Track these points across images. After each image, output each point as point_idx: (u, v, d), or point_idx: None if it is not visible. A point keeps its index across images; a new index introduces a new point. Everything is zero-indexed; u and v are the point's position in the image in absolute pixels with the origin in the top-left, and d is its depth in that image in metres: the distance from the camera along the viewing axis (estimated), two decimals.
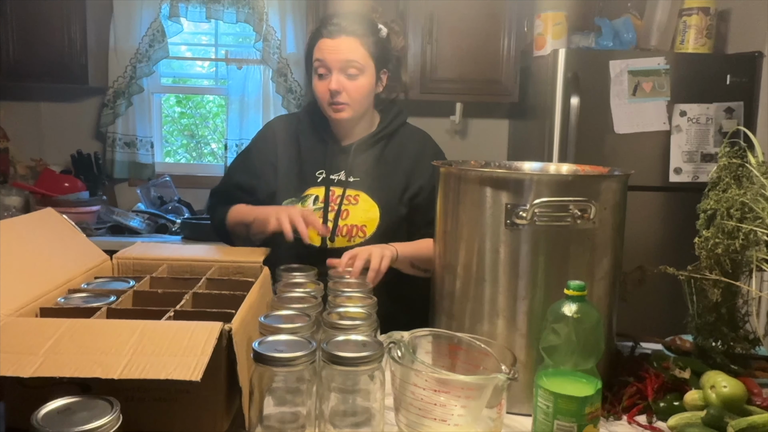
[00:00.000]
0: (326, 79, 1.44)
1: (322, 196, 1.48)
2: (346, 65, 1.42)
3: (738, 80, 2.49)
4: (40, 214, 1.19)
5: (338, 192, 1.48)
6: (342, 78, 1.43)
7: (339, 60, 1.42)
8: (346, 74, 1.43)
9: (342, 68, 1.42)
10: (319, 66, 1.44)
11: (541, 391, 0.85)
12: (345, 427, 0.84)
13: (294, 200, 1.48)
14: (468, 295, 1.05)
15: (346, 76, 1.43)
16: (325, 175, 1.50)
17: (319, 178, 1.50)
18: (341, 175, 1.50)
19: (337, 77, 1.42)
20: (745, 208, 1.03)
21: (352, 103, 1.45)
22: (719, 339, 1.11)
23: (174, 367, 0.70)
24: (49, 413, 0.62)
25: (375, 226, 1.46)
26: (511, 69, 2.94)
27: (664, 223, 2.55)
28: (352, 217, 1.46)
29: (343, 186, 1.49)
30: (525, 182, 0.99)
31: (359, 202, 1.48)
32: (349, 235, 1.46)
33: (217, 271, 1.19)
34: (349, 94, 1.44)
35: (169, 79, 3.40)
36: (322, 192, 1.49)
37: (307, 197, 1.49)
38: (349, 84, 1.43)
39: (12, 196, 2.87)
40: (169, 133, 3.54)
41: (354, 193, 1.49)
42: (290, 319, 0.92)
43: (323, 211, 1.47)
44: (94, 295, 1.01)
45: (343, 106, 1.45)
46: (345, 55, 1.42)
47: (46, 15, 2.83)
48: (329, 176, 1.50)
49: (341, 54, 1.42)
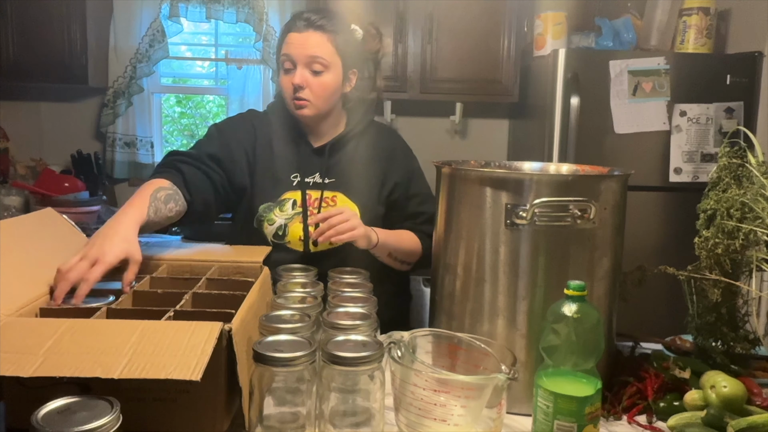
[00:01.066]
0: (291, 74, 1.41)
1: (299, 200, 1.45)
2: (311, 60, 1.39)
3: (738, 80, 2.49)
4: (40, 214, 1.19)
5: (315, 195, 1.46)
6: (306, 73, 1.40)
7: (304, 55, 1.39)
8: (311, 70, 1.40)
9: (307, 63, 1.39)
10: (285, 60, 1.41)
11: (541, 391, 0.85)
12: (345, 427, 0.84)
13: (271, 205, 1.45)
14: (468, 295, 1.05)
15: (311, 72, 1.40)
16: (300, 178, 1.47)
17: (294, 181, 1.47)
18: (316, 177, 1.47)
19: (302, 72, 1.39)
20: (745, 208, 1.03)
21: (315, 100, 1.42)
22: (719, 339, 1.11)
23: (174, 366, 0.70)
24: (49, 413, 0.62)
25: None
26: (511, 69, 2.94)
27: (664, 223, 2.55)
28: None
29: (320, 188, 1.46)
30: (525, 182, 0.99)
31: (337, 203, 1.46)
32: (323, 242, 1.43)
33: (217, 271, 1.19)
34: (312, 90, 1.41)
35: (169, 79, 3.40)
36: (299, 196, 1.46)
37: (285, 201, 1.46)
38: (313, 80, 1.40)
39: (12, 196, 2.87)
40: (169, 133, 3.54)
41: (331, 194, 1.47)
42: (290, 319, 0.92)
43: (302, 216, 1.44)
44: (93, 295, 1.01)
45: (305, 102, 1.41)
46: (311, 50, 1.39)
47: (46, 15, 2.83)
48: (304, 179, 1.47)
49: (307, 49, 1.39)
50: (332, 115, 1.50)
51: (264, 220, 1.45)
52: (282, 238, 1.45)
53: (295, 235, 1.44)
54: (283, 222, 1.45)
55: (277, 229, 1.45)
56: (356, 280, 1.20)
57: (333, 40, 1.41)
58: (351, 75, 1.48)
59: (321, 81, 1.41)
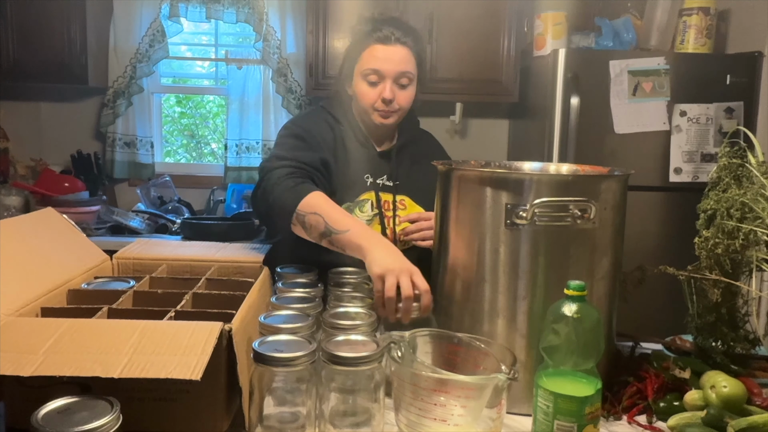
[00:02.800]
0: (377, 87, 1.43)
1: (374, 201, 1.49)
2: (400, 75, 1.43)
3: (738, 80, 2.49)
4: (40, 214, 1.19)
5: (386, 197, 1.50)
6: (395, 87, 1.43)
7: (395, 70, 1.42)
8: (399, 84, 1.44)
9: (396, 78, 1.43)
10: (371, 73, 1.43)
11: (541, 391, 0.85)
12: (345, 427, 0.84)
13: (351, 205, 1.47)
14: (468, 295, 1.05)
15: (398, 86, 1.44)
16: (372, 180, 1.50)
17: (367, 182, 1.50)
18: (384, 179, 1.51)
19: (391, 87, 1.43)
20: (745, 208, 1.03)
21: (400, 111, 1.47)
22: (719, 339, 1.11)
23: (174, 366, 0.70)
24: (49, 413, 0.62)
25: None
26: (511, 69, 2.94)
27: (664, 223, 2.55)
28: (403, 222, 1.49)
29: (391, 191, 1.50)
30: (525, 182, 0.99)
31: (406, 206, 1.51)
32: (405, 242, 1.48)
33: (216, 271, 1.19)
34: (400, 103, 1.45)
35: (169, 79, 3.40)
36: (374, 197, 1.49)
37: (364, 202, 1.48)
38: (400, 93, 1.44)
39: (12, 196, 2.86)
40: (169, 133, 3.54)
41: (400, 197, 1.51)
42: (290, 319, 0.92)
43: (379, 217, 1.47)
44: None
45: (391, 113, 1.46)
46: (400, 66, 1.42)
47: (46, 15, 2.83)
48: (375, 181, 1.50)
49: (397, 65, 1.42)
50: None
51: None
52: None
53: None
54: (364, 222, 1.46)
55: None
56: (356, 280, 1.20)
57: (416, 54, 1.46)
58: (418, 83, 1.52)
59: (407, 94, 1.46)
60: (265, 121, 3.19)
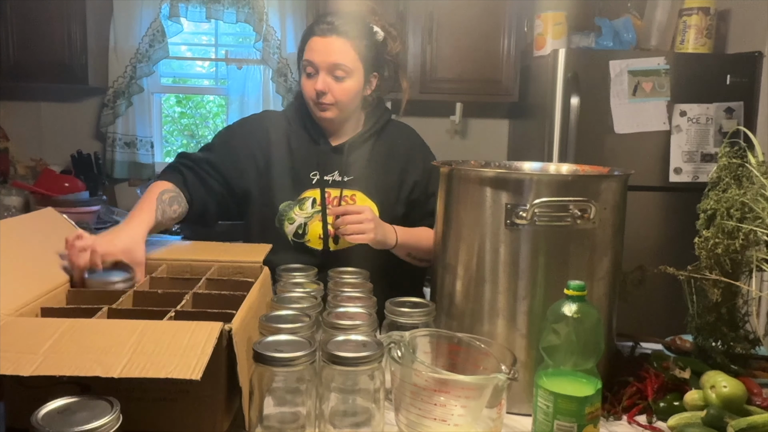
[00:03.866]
0: (313, 79, 1.42)
1: (319, 198, 1.46)
2: (334, 68, 1.40)
3: (738, 80, 2.49)
4: (40, 214, 1.19)
5: (335, 193, 1.47)
6: (329, 79, 1.41)
7: (327, 62, 1.40)
8: (333, 76, 1.41)
9: (329, 70, 1.40)
10: (308, 65, 1.43)
11: (541, 391, 0.85)
12: (345, 427, 0.84)
13: (291, 203, 1.46)
14: (468, 295, 1.05)
15: (333, 78, 1.41)
16: (319, 177, 1.48)
17: (313, 179, 1.48)
18: (335, 175, 1.48)
19: (324, 78, 1.41)
20: (745, 208, 1.03)
21: (337, 104, 1.43)
22: (719, 339, 1.11)
23: (174, 366, 0.70)
24: (49, 413, 0.62)
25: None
26: (511, 69, 2.94)
27: (664, 223, 2.55)
28: None
29: (340, 186, 1.47)
30: (525, 182, 0.99)
31: (356, 201, 1.47)
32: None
33: (216, 271, 1.19)
34: (335, 96, 1.42)
35: (169, 79, 3.40)
36: (318, 194, 1.47)
37: (305, 200, 1.47)
38: (336, 86, 1.41)
39: (12, 196, 2.87)
40: (169, 133, 3.54)
41: (350, 192, 1.47)
42: (290, 319, 0.92)
43: (321, 214, 1.45)
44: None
45: (328, 106, 1.43)
46: (333, 57, 1.40)
47: (46, 15, 2.83)
48: (323, 177, 1.48)
49: (330, 56, 1.40)
50: (353, 117, 1.52)
51: (285, 219, 1.46)
52: (302, 237, 1.45)
53: (314, 234, 1.45)
54: (303, 221, 1.45)
55: (297, 228, 1.45)
56: (356, 280, 1.20)
57: (355, 46, 1.42)
58: (372, 78, 1.48)
59: (343, 87, 1.42)
60: None
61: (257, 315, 0.94)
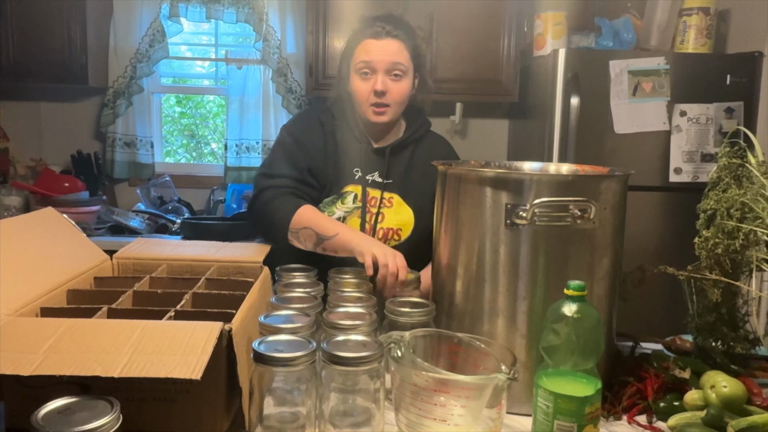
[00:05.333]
0: (370, 80, 1.44)
1: (360, 194, 1.49)
2: (393, 67, 1.43)
3: (738, 80, 2.49)
4: (40, 214, 1.19)
5: (374, 194, 1.49)
6: (387, 79, 1.44)
7: (386, 62, 1.43)
8: (391, 76, 1.44)
9: (388, 70, 1.43)
10: (364, 67, 1.44)
11: (541, 391, 0.85)
12: (345, 427, 0.84)
13: (335, 197, 1.49)
14: (468, 295, 1.05)
15: (391, 78, 1.44)
16: (361, 174, 1.51)
17: (356, 175, 1.51)
18: (375, 176, 1.51)
19: (383, 78, 1.43)
20: (745, 208, 1.03)
21: (393, 105, 1.46)
22: (719, 339, 1.11)
23: (174, 365, 0.70)
24: (49, 413, 0.62)
25: (410, 230, 1.49)
26: (511, 69, 2.94)
27: (664, 223, 2.55)
28: (388, 219, 1.48)
29: (380, 188, 1.50)
30: (525, 182, 0.99)
31: (394, 204, 1.50)
32: (384, 238, 1.48)
33: (216, 271, 1.19)
34: (392, 96, 1.45)
35: (169, 79, 3.39)
36: (360, 190, 1.49)
37: (347, 194, 1.49)
38: (393, 85, 1.45)
39: (12, 196, 2.87)
40: (169, 133, 3.54)
41: (389, 195, 1.50)
42: (290, 319, 0.92)
43: (361, 211, 1.48)
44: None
45: (384, 109, 1.46)
46: (392, 57, 1.43)
47: (46, 15, 2.83)
48: (365, 176, 1.51)
49: (388, 56, 1.43)
50: (397, 121, 1.55)
51: (325, 212, 1.47)
52: None
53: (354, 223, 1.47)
54: (342, 214, 1.47)
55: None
56: (356, 280, 1.20)
57: (408, 46, 1.46)
58: (416, 79, 1.52)
59: (400, 87, 1.46)
60: (265, 121, 3.19)
61: (257, 315, 0.94)
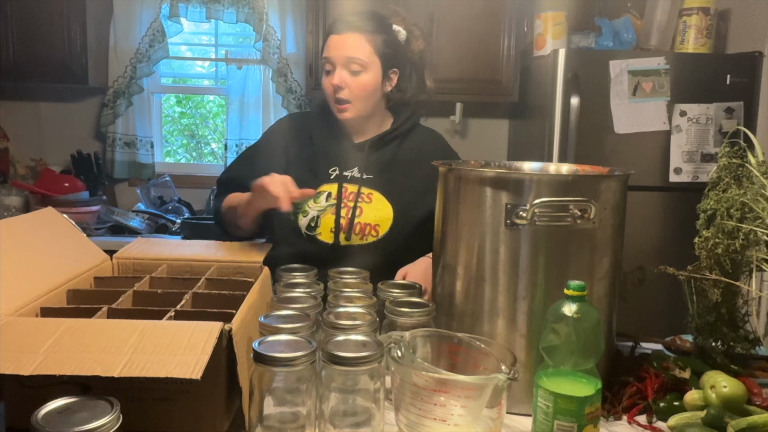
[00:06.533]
0: (331, 76, 1.45)
1: (335, 192, 1.48)
2: (349, 61, 1.42)
3: (738, 80, 2.49)
4: (40, 214, 1.19)
5: (352, 189, 1.48)
6: (344, 74, 1.43)
7: (342, 56, 1.42)
8: (349, 70, 1.43)
9: (345, 64, 1.43)
10: (326, 62, 1.45)
11: (541, 391, 0.85)
12: (345, 427, 0.84)
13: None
14: (468, 295, 1.05)
15: (349, 72, 1.43)
16: (339, 172, 1.50)
17: (332, 174, 1.50)
18: (354, 171, 1.50)
19: (340, 73, 1.43)
20: (745, 208, 1.03)
21: (355, 101, 1.45)
22: (719, 339, 1.11)
23: (174, 365, 0.70)
24: (49, 413, 0.62)
25: (388, 226, 1.46)
26: (511, 69, 2.94)
27: (664, 223, 2.55)
28: (365, 215, 1.46)
29: (358, 183, 1.49)
30: (525, 182, 0.99)
31: (373, 200, 1.48)
32: (362, 233, 1.46)
33: (216, 271, 1.19)
34: (352, 92, 1.44)
35: (169, 79, 3.40)
36: (335, 189, 1.48)
37: (320, 194, 1.48)
38: (352, 80, 1.43)
39: (12, 196, 2.87)
40: (169, 133, 3.54)
41: (368, 191, 1.49)
42: (290, 319, 0.92)
43: (336, 207, 1.46)
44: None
45: (346, 105, 1.45)
46: (348, 51, 1.42)
47: (46, 15, 2.83)
48: (342, 173, 1.50)
49: (345, 50, 1.42)
50: (376, 116, 1.53)
51: (299, 212, 1.48)
52: (314, 230, 1.47)
53: (326, 227, 1.46)
54: (316, 213, 1.47)
55: (309, 221, 1.47)
56: (356, 280, 1.20)
57: (371, 41, 1.44)
58: (392, 75, 1.50)
59: (359, 81, 1.44)
60: (265, 121, 3.19)
61: (257, 315, 0.94)
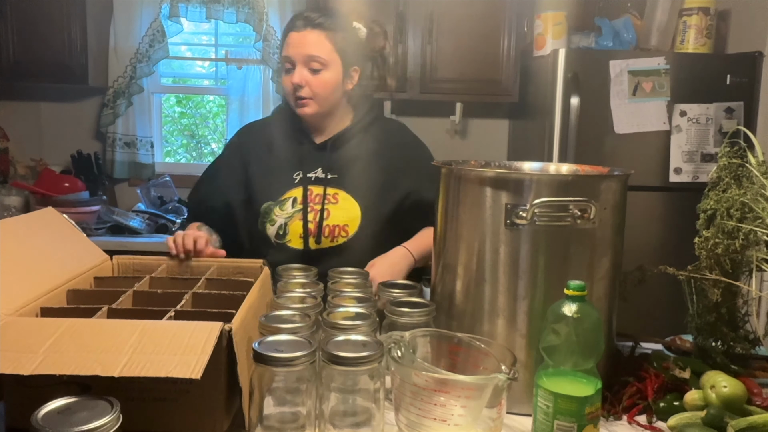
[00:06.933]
0: (291, 74, 1.43)
1: (300, 197, 1.45)
2: (309, 59, 1.41)
3: (738, 80, 2.49)
4: (40, 214, 1.19)
5: (317, 191, 1.46)
6: (305, 72, 1.41)
7: (302, 54, 1.41)
8: (309, 68, 1.41)
9: (305, 62, 1.41)
10: (285, 61, 1.44)
11: (541, 391, 0.85)
12: (345, 427, 0.84)
13: (272, 204, 1.46)
14: (468, 295, 1.05)
15: (310, 71, 1.42)
16: (302, 175, 1.48)
17: (296, 179, 1.48)
18: (318, 172, 1.47)
19: (300, 71, 1.41)
20: (745, 208, 1.03)
21: (316, 98, 1.43)
22: (719, 339, 1.11)
23: (174, 365, 0.70)
24: (49, 413, 0.62)
25: (357, 225, 1.44)
26: (511, 69, 2.94)
27: (664, 223, 2.55)
28: (333, 217, 1.44)
29: (323, 184, 1.46)
30: (525, 182, 0.99)
31: (339, 200, 1.45)
32: (332, 235, 1.43)
33: (216, 271, 1.19)
34: (312, 89, 1.42)
35: (169, 79, 3.40)
36: (300, 193, 1.46)
37: (285, 200, 1.46)
38: (312, 78, 1.42)
39: (12, 196, 2.87)
40: (169, 133, 3.54)
41: (333, 191, 1.46)
42: (290, 319, 0.92)
43: (302, 213, 1.44)
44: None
45: (306, 101, 1.43)
46: (308, 49, 1.40)
47: (46, 15, 2.83)
48: (306, 175, 1.48)
49: (305, 48, 1.41)
50: (336, 113, 1.50)
51: (267, 221, 1.46)
52: (283, 238, 1.45)
53: (295, 233, 1.44)
54: (283, 221, 1.44)
55: (278, 229, 1.45)
56: (356, 280, 1.20)
57: (331, 38, 1.42)
58: (353, 72, 1.48)
59: (319, 79, 1.42)
60: None
61: (257, 315, 0.94)
